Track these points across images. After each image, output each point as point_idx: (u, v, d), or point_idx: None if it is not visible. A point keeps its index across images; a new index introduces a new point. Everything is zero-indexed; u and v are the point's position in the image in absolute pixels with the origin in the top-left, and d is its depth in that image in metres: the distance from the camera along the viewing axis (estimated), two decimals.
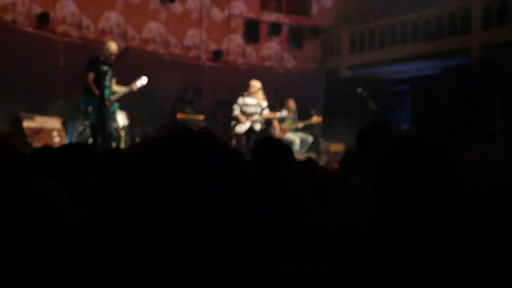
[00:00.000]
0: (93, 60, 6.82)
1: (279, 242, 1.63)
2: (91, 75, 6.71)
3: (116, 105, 7.08)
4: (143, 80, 7.08)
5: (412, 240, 1.04)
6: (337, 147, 10.18)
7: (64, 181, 2.42)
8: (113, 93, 6.96)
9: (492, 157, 1.80)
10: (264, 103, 8.30)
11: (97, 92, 6.67)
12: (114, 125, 7.22)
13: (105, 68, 6.81)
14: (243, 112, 8.17)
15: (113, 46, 6.92)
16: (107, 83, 6.83)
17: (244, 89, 8.43)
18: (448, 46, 10.29)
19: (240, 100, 8.24)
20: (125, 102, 7.61)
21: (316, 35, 12.45)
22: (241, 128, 8.16)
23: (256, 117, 8.18)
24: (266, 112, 8.30)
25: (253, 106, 8.20)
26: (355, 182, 2.00)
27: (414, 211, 1.07)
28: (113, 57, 6.87)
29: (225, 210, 0.71)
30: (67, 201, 1.53)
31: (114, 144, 7.14)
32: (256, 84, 8.25)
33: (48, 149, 3.19)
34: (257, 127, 8.24)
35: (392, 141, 1.17)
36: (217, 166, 0.72)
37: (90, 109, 6.69)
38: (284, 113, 8.77)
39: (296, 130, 9.63)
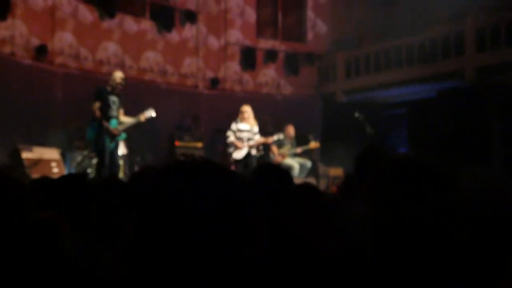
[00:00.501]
0: (99, 90, 6.91)
1: (285, 266, 1.63)
2: (97, 104, 6.78)
3: (123, 135, 7.11)
4: (151, 112, 7.16)
5: (412, 262, 1.05)
6: (336, 171, 10.20)
7: (64, 211, 2.44)
8: (120, 123, 7.01)
9: (493, 182, 1.81)
10: (256, 128, 8.30)
11: (99, 115, 6.73)
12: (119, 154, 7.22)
13: (112, 98, 6.90)
14: (238, 138, 8.17)
15: (119, 75, 7.02)
16: (114, 113, 6.90)
17: (233, 116, 8.45)
18: (442, 69, 10.39)
19: (234, 126, 8.23)
20: (123, 131, 7.64)
21: (312, 61, 12.60)
22: (239, 154, 8.15)
23: (252, 142, 8.18)
24: (258, 137, 8.29)
25: (246, 131, 8.19)
26: (357, 207, 2.01)
27: (413, 234, 1.08)
28: (120, 87, 6.95)
29: (238, 234, 0.74)
30: (69, 231, 1.54)
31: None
32: (248, 109, 8.25)
33: (47, 180, 3.20)
34: (254, 152, 8.24)
35: (390, 164, 1.18)
36: (225, 191, 0.75)
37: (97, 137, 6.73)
38: (280, 136, 8.77)
39: (295, 155, 9.66)
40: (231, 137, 8.16)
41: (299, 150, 9.66)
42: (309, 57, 12.57)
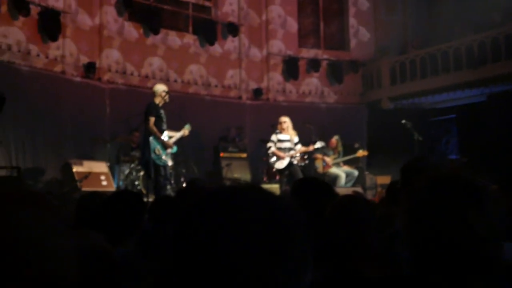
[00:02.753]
0: (152, 105, 6.95)
1: None
2: (152, 119, 6.85)
3: (175, 148, 7.19)
4: (189, 127, 7.28)
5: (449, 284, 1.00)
6: (384, 180, 9.97)
7: (115, 229, 2.46)
8: (170, 137, 7.10)
9: None
10: (296, 138, 8.27)
11: (160, 135, 6.84)
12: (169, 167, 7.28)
13: (162, 112, 6.99)
14: (279, 148, 8.16)
15: (162, 88, 7.10)
16: (165, 126, 7.00)
17: (276, 126, 8.42)
18: (492, 73, 10.02)
19: (274, 137, 8.24)
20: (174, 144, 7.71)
21: (356, 68, 12.44)
22: (281, 164, 8.13)
23: (293, 152, 8.15)
24: (299, 147, 8.25)
25: (287, 141, 8.18)
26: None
27: (449, 257, 1.03)
28: (167, 98, 7.03)
29: (278, 263, 0.71)
30: (110, 250, 1.55)
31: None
32: (286, 119, 8.25)
33: (96, 195, 3.27)
34: (295, 162, 8.19)
35: (425, 182, 1.13)
36: (268, 220, 0.73)
37: (157, 151, 6.82)
38: (322, 144, 8.63)
39: (339, 164, 9.55)
40: (272, 148, 8.17)
41: (344, 161, 9.56)
42: (353, 65, 12.42)
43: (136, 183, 8.22)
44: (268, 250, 0.70)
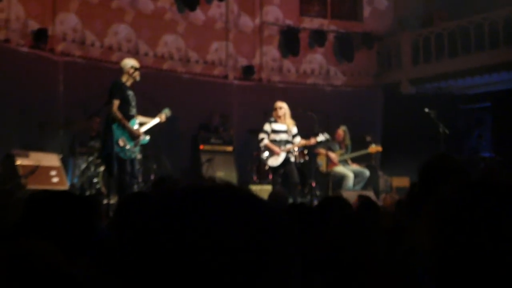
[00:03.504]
0: (117, 84, 6.88)
1: None
2: (117, 102, 6.77)
3: (146, 138, 7.12)
4: (168, 111, 7.23)
5: None
6: (401, 182, 10.01)
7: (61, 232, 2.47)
8: (140, 124, 7.03)
9: None
10: (294, 129, 8.26)
11: (125, 122, 6.76)
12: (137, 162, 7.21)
13: (130, 93, 6.91)
14: (273, 141, 8.14)
15: (131, 63, 7.02)
16: (134, 111, 6.93)
17: (270, 114, 8.41)
18: None
19: (267, 127, 8.23)
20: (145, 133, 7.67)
21: (370, 43, 12.46)
22: (275, 160, 8.11)
23: (290, 146, 8.14)
24: (299, 140, 8.23)
25: (283, 132, 8.17)
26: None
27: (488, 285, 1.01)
28: (136, 76, 6.95)
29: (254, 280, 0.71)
30: (63, 260, 1.55)
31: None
32: (283, 105, 8.26)
33: (44, 194, 3.25)
34: (293, 158, 8.19)
35: (458, 190, 1.11)
36: (249, 234, 0.73)
37: (121, 142, 6.74)
38: (326, 136, 8.61)
39: (347, 162, 9.56)
40: (265, 140, 8.16)
41: (352, 156, 9.58)
42: (366, 38, 12.44)
43: (95, 180, 8.19)
44: (244, 268, 0.70)
